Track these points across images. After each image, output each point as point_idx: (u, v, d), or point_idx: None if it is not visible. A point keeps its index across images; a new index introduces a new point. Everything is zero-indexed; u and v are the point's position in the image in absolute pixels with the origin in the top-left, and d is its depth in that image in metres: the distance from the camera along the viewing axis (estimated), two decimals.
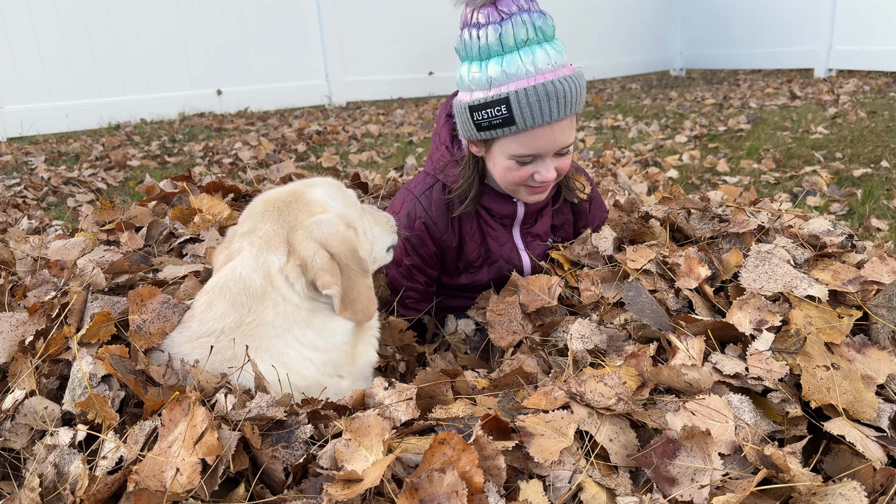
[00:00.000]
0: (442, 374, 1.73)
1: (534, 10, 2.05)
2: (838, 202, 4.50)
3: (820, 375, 1.57)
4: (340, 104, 10.55)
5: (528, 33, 2.02)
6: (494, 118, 2.08)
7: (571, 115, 2.13)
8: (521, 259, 2.47)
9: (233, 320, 1.70)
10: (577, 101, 2.12)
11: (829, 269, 1.98)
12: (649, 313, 1.87)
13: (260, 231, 1.80)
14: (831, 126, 6.90)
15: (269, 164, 6.30)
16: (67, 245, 2.30)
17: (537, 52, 2.04)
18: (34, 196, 5.28)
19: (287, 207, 1.84)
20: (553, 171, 2.20)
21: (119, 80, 8.69)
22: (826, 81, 10.81)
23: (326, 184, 2.00)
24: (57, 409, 1.57)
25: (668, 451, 1.35)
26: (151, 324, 1.76)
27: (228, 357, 1.68)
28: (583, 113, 9.07)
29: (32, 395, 1.58)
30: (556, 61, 2.06)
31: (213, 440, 1.28)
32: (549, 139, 2.13)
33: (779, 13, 12.79)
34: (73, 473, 1.39)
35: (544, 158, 2.18)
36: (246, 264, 1.75)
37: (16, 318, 1.81)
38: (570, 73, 2.10)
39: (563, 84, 2.04)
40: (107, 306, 1.82)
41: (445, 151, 2.44)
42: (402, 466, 1.35)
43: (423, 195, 2.42)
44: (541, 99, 2.03)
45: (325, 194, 1.92)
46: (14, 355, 1.72)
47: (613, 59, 14.59)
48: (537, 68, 2.03)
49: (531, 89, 2.02)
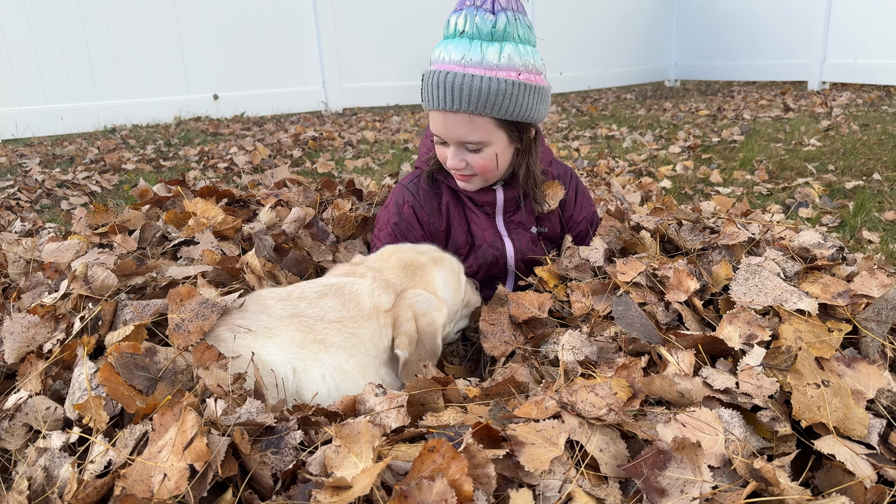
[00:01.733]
0: (433, 382, 1.72)
1: (485, 9, 2.10)
2: (830, 214, 4.52)
3: (810, 394, 1.58)
4: (337, 110, 10.57)
5: (466, 26, 2.11)
6: (420, 92, 2.27)
7: (465, 110, 2.16)
8: (503, 244, 2.53)
9: (336, 315, 1.94)
10: (477, 100, 2.13)
11: (819, 283, 1.99)
12: (639, 327, 1.88)
13: (385, 275, 2.09)
14: (824, 138, 6.94)
15: (264, 168, 6.30)
16: (61, 248, 2.30)
17: (462, 45, 2.12)
18: (27, 198, 5.27)
19: (412, 271, 2.13)
20: (458, 160, 2.30)
21: (115, 83, 8.69)
22: (819, 94, 10.88)
23: (450, 269, 2.24)
24: (60, 410, 1.57)
25: (658, 462, 1.35)
26: (190, 322, 1.81)
27: (299, 341, 1.87)
28: (578, 122, 9.11)
29: (37, 396, 1.59)
30: (472, 58, 2.11)
31: (202, 446, 1.27)
32: (442, 126, 2.24)
33: (773, 26, 12.89)
34: (62, 477, 1.39)
35: (450, 146, 2.30)
36: (365, 287, 2.03)
37: (27, 319, 1.84)
38: (487, 73, 2.12)
39: (460, 79, 2.11)
40: (138, 311, 1.85)
41: (429, 142, 2.53)
42: (392, 474, 1.35)
43: (411, 182, 2.55)
44: (431, 85, 2.17)
45: (443, 280, 2.18)
46: (23, 356, 1.74)
47: (608, 70, 14.66)
48: (450, 59, 2.14)
49: (431, 74, 2.18)
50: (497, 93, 2.12)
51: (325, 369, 1.87)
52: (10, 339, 1.79)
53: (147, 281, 2.18)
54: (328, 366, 1.88)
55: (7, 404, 1.59)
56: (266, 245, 2.57)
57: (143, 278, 2.17)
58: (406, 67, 11.37)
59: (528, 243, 2.54)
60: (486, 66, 2.11)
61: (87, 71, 8.45)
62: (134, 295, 2.16)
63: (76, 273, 2.09)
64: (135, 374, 1.61)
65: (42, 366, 1.67)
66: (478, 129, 2.21)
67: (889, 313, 1.77)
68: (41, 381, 1.64)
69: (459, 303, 2.25)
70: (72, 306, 2.03)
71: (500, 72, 2.12)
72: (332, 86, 10.56)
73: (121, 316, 1.96)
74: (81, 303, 2.05)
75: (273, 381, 1.77)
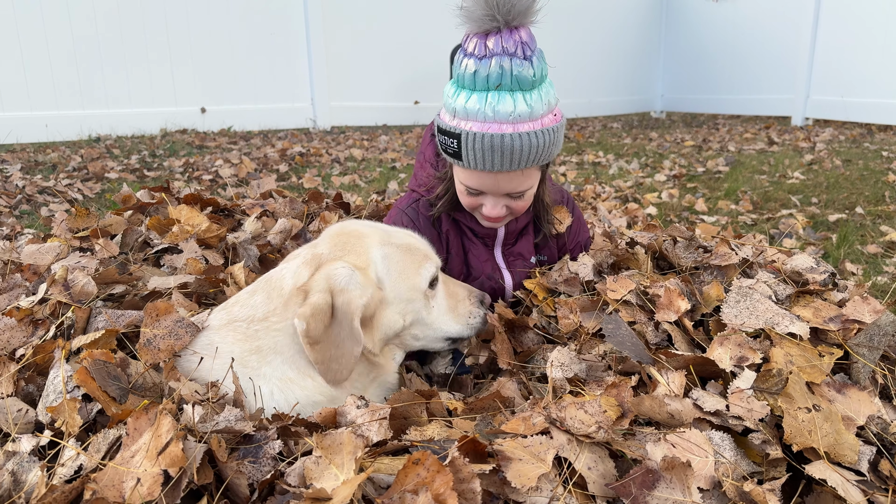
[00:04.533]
0: (417, 395, 1.68)
1: (518, 56, 1.97)
2: (814, 245, 4.54)
3: (801, 418, 1.56)
4: (325, 128, 10.56)
5: (503, 79, 1.97)
6: (448, 147, 2.13)
7: (521, 168, 2.09)
8: (503, 277, 2.47)
9: (263, 312, 1.79)
10: (534, 157, 2.07)
11: (811, 307, 1.98)
12: (630, 346, 1.85)
13: (318, 248, 1.92)
14: (807, 172, 7.01)
15: (249, 182, 6.25)
16: (41, 250, 2.24)
17: (504, 100, 1.99)
18: (7, 203, 5.18)
19: (347, 241, 1.93)
20: (500, 209, 2.22)
21: (102, 92, 8.63)
22: (803, 129, 11.04)
23: (401, 248, 1.98)
24: (31, 413, 1.51)
25: (647, 482, 1.32)
26: (162, 340, 1.75)
27: (238, 355, 1.74)
28: (565, 148, 9.16)
29: (9, 397, 1.53)
30: (522, 114, 2.00)
31: (178, 451, 1.22)
32: (493, 184, 2.14)
33: (758, 62, 13.11)
34: (29, 482, 1.33)
35: (490, 196, 2.21)
36: (291, 268, 1.86)
37: (4, 322, 1.80)
38: (535, 129, 2.03)
39: (516, 140, 2.00)
40: (112, 319, 1.80)
41: (430, 168, 2.47)
42: (374, 487, 1.30)
43: (410, 208, 2.44)
44: (485, 149, 2.02)
45: (382, 255, 1.94)
46: None
47: (595, 99, 14.80)
48: (496, 116, 2.00)
49: (480, 136, 2.01)
50: (547, 145, 2.07)
51: (271, 384, 1.72)
52: None
53: (127, 289, 2.13)
54: (273, 378, 1.73)
55: None
56: (251, 255, 2.52)
57: (124, 286, 2.12)
58: (395, 88, 11.40)
59: (526, 275, 2.49)
60: (534, 118, 2.03)
61: (73, 79, 8.38)
62: (112, 303, 2.11)
63: (55, 277, 2.04)
64: (108, 382, 1.56)
65: (15, 368, 1.61)
66: (528, 178, 2.17)
67: (881, 339, 1.76)
68: (13, 383, 1.58)
69: (409, 291, 1.96)
70: (49, 312, 1.98)
71: (544, 119, 2.07)
72: (321, 103, 10.56)
73: (94, 323, 1.91)
74: (60, 308, 1.99)
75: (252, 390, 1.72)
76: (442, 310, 2.08)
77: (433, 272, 2.02)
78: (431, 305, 2.04)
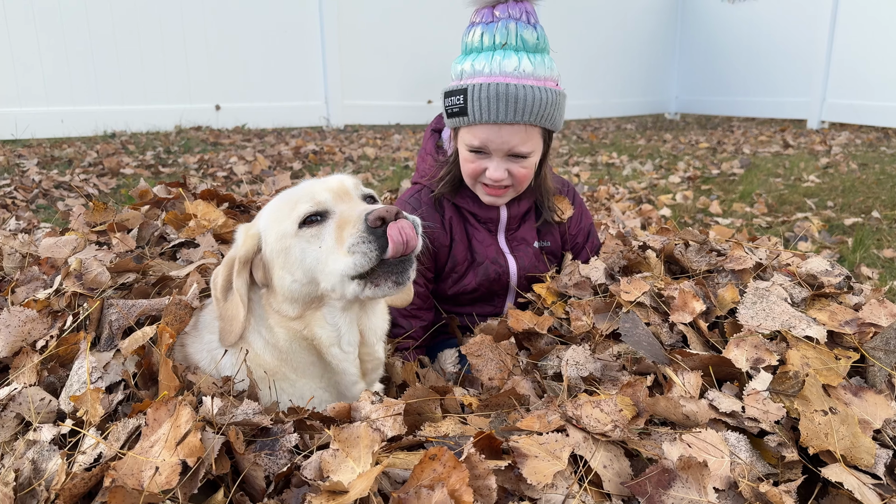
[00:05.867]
0: (431, 391, 1.69)
1: (523, 21, 2.13)
2: (829, 249, 4.52)
3: (818, 420, 1.55)
4: (338, 126, 10.58)
5: (508, 38, 2.12)
6: (455, 106, 2.21)
7: (524, 121, 2.16)
8: (507, 261, 2.49)
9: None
10: (537, 111, 2.15)
11: (827, 310, 1.97)
12: (646, 346, 1.84)
13: None
14: (823, 175, 6.97)
15: (263, 179, 6.28)
16: (58, 243, 2.26)
17: (509, 57, 2.13)
18: (24, 197, 5.22)
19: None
20: (502, 171, 2.26)
21: (118, 89, 8.68)
22: (819, 133, 10.96)
23: (278, 197, 1.82)
24: (54, 403, 1.53)
25: (663, 481, 1.32)
26: (170, 325, 1.77)
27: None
28: (578, 149, 9.14)
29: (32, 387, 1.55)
30: (525, 69, 2.13)
31: (196, 441, 1.23)
32: (496, 137, 2.20)
33: (775, 64, 13.03)
34: (49, 470, 1.35)
35: (494, 157, 2.25)
36: None
37: (25, 314, 1.81)
38: (541, 85, 2.15)
39: (521, 90, 2.11)
40: (123, 311, 1.81)
41: (431, 160, 2.51)
42: (389, 481, 1.31)
43: (412, 198, 2.49)
44: (490, 97, 2.12)
45: (267, 209, 1.80)
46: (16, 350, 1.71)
47: (609, 100, 14.76)
48: (502, 70, 2.13)
49: (486, 86, 2.13)
50: (549, 103, 2.16)
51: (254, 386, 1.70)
52: (6, 332, 1.75)
53: (137, 278, 2.15)
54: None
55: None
56: None
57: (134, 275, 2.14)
58: (408, 88, 11.42)
59: (531, 259, 2.51)
60: (537, 78, 2.15)
61: (90, 75, 8.44)
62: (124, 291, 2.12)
63: (70, 269, 2.06)
64: None
65: (38, 358, 1.63)
66: (531, 137, 2.23)
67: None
68: (36, 373, 1.60)
69: (280, 238, 1.70)
70: (66, 303, 2.00)
71: (547, 82, 2.18)
72: (335, 102, 10.59)
73: (107, 315, 1.92)
74: (76, 300, 2.01)
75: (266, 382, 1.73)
76: (327, 248, 1.67)
77: (301, 209, 1.69)
78: (317, 247, 1.68)
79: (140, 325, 1.90)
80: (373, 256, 1.59)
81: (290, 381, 1.75)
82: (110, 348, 1.83)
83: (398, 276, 1.64)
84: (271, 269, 1.73)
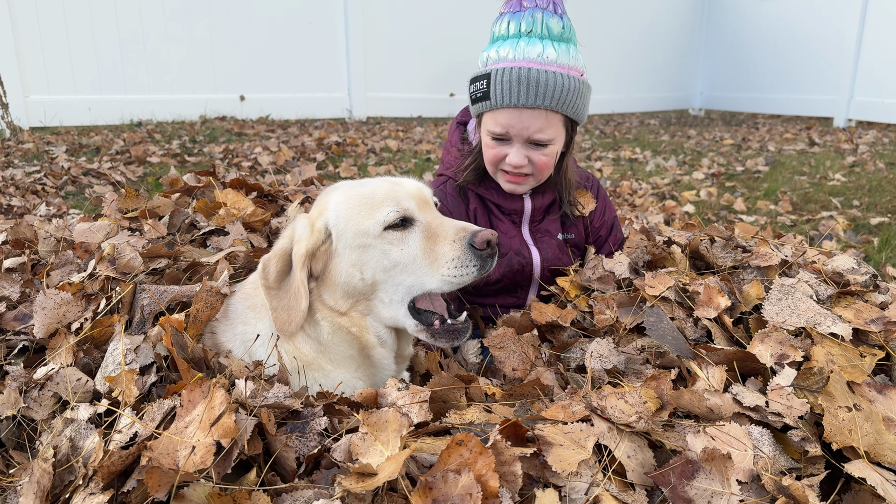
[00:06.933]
0: (457, 380, 1.71)
1: (550, 10, 2.18)
2: (855, 248, 4.48)
3: (842, 416, 1.55)
4: (361, 118, 10.63)
5: (534, 26, 2.17)
6: (478, 91, 2.27)
7: (545, 106, 2.19)
8: (530, 253, 2.51)
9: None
10: (558, 97, 2.18)
11: (852, 308, 1.96)
12: (671, 340, 1.86)
13: None
14: (849, 174, 6.90)
15: (287, 169, 6.34)
16: (92, 228, 2.31)
17: (534, 44, 2.18)
18: (53, 184, 5.31)
19: (319, 199, 1.95)
20: (522, 157, 2.29)
21: (145, 78, 8.78)
22: (845, 131, 10.83)
23: (348, 192, 1.85)
24: (90, 383, 1.58)
25: (686, 472, 1.33)
26: (201, 312, 1.81)
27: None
28: (601, 144, 9.11)
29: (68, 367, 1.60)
30: (549, 56, 2.18)
31: (230, 423, 1.27)
32: (517, 122, 2.24)
33: (801, 61, 12.88)
34: (86, 448, 1.39)
35: (515, 143, 2.29)
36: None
37: (60, 297, 1.86)
38: (563, 71, 2.18)
39: (543, 75, 2.15)
40: (155, 296, 1.85)
41: (455, 151, 2.56)
42: (416, 465, 1.34)
43: (438, 189, 2.53)
44: (512, 80, 2.17)
45: (336, 203, 1.82)
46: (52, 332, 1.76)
47: (633, 95, 14.68)
48: (525, 56, 2.18)
49: (508, 70, 2.18)
50: (571, 90, 2.19)
51: (263, 336, 1.79)
52: (42, 314, 1.80)
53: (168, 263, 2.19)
54: (265, 332, 1.79)
55: (37, 375, 1.60)
56: None
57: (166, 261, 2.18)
58: (431, 81, 11.43)
59: (554, 251, 2.53)
60: (560, 65, 2.19)
61: (117, 65, 8.55)
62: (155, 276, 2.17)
63: (104, 254, 2.11)
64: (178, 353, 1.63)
65: (73, 340, 1.67)
66: (552, 125, 2.25)
67: None
68: (72, 354, 1.64)
69: (357, 236, 1.76)
70: (99, 287, 2.05)
71: (571, 70, 2.21)
72: (358, 94, 10.63)
73: (139, 299, 1.96)
74: (109, 284, 2.06)
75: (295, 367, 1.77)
76: (412, 257, 1.75)
77: (390, 215, 1.74)
78: (399, 249, 1.75)
79: (171, 311, 1.95)
80: (472, 276, 1.74)
81: (325, 371, 1.80)
82: (141, 332, 1.87)
83: (456, 339, 1.82)
84: (336, 264, 1.78)
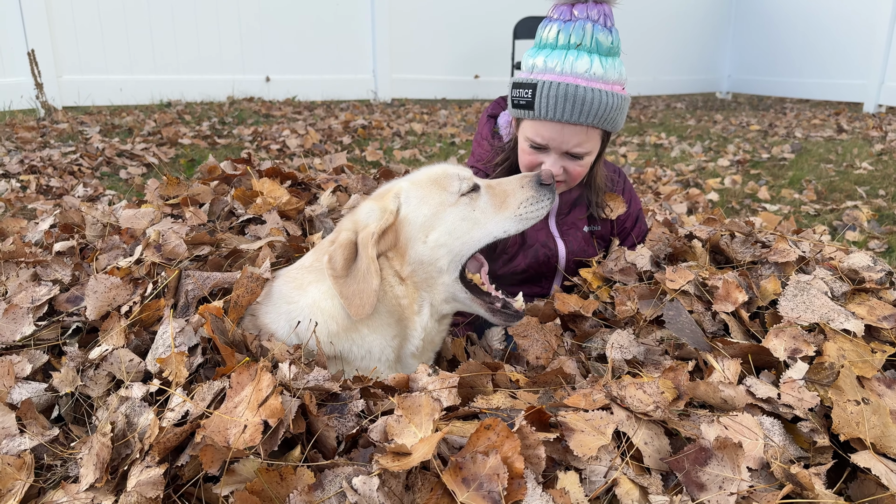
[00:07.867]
0: (483, 367, 1.81)
1: (600, 23, 2.21)
2: (878, 239, 4.50)
3: (850, 409, 1.63)
4: (385, 100, 10.69)
5: (584, 39, 2.20)
6: (521, 98, 2.31)
7: (587, 123, 2.25)
8: (556, 245, 2.59)
9: (309, 261, 2.04)
10: (602, 115, 2.23)
11: (866, 304, 2.03)
12: (689, 333, 1.94)
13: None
14: (876, 162, 6.86)
15: (315, 153, 6.44)
16: (137, 215, 2.43)
17: (581, 58, 2.21)
18: (89, 165, 5.47)
19: (381, 189, 2.09)
20: (557, 167, 2.36)
21: (174, 58, 8.92)
22: (874, 117, 10.70)
23: (419, 180, 2.05)
24: (142, 364, 1.69)
25: (699, 459, 1.42)
26: (242, 297, 1.91)
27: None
28: (626, 129, 9.10)
29: (121, 349, 1.72)
30: (596, 72, 2.22)
31: (277, 404, 1.38)
32: (558, 136, 2.30)
33: (831, 45, 12.68)
34: (140, 424, 1.51)
35: (552, 153, 2.35)
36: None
37: (110, 281, 1.97)
38: (608, 89, 2.23)
39: (589, 93, 2.20)
40: (199, 282, 1.96)
41: (487, 145, 2.63)
42: (447, 446, 1.44)
43: None
44: (558, 96, 2.21)
45: (406, 190, 2.01)
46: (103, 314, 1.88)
47: (660, 77, 14.56)
48: (573, 70, 2.22)
49: (555, 85, 2.22)
50: (613, 108, 2.24)
51: (304, 311, 1.91)
52: (94, 297, 1.92)
53: (211, 250, 2.31)
54: (304, 306, 1.91)
55: (92, 355, 1.72)
56: (327, 227, 2.69)
57: (208, 248, 2.29)
58: (455, 63, 11.44)
59: (580, 244, 2.60)
60: (606, 82, 2.23)
61: (147, 44, 8.69)
62: (198, 262, 2.29)
63: (150, 240, 2.22)
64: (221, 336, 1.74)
65: (124, 322, 1.79)
66: (590, 139, 2.32)
67: None
68: (124, 336, 1.76)
69: (436, 207, 1.99)
70: (145, 272, 2.17)
71: (615, 87, 2.26)
72: (383, 76, 10.69)
73: (183, 284, 2.08)
74: (154, 269, 2.18)
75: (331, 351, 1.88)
76: (486, 211, 2.03)
77: (464, 184, 2.02)
78: (472, 209, 2.01)
79: (213, 297, 2.06)
80: (546, 208, 2.06)
81: (362, 335, 1.93)
82: (186, 316, 1.99)
83: (511, 321, 2.09)
84: (404, 234, 1.96)
